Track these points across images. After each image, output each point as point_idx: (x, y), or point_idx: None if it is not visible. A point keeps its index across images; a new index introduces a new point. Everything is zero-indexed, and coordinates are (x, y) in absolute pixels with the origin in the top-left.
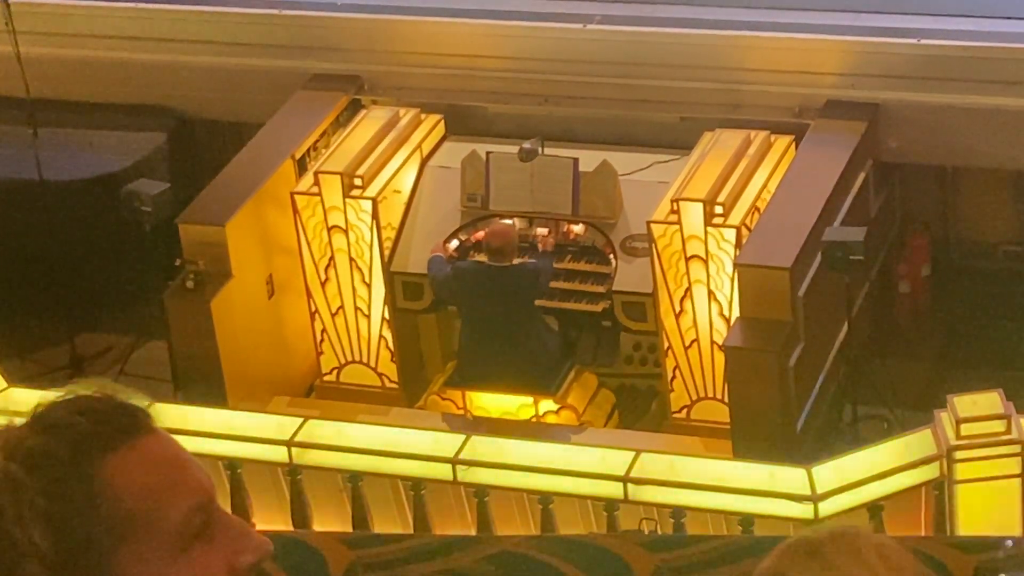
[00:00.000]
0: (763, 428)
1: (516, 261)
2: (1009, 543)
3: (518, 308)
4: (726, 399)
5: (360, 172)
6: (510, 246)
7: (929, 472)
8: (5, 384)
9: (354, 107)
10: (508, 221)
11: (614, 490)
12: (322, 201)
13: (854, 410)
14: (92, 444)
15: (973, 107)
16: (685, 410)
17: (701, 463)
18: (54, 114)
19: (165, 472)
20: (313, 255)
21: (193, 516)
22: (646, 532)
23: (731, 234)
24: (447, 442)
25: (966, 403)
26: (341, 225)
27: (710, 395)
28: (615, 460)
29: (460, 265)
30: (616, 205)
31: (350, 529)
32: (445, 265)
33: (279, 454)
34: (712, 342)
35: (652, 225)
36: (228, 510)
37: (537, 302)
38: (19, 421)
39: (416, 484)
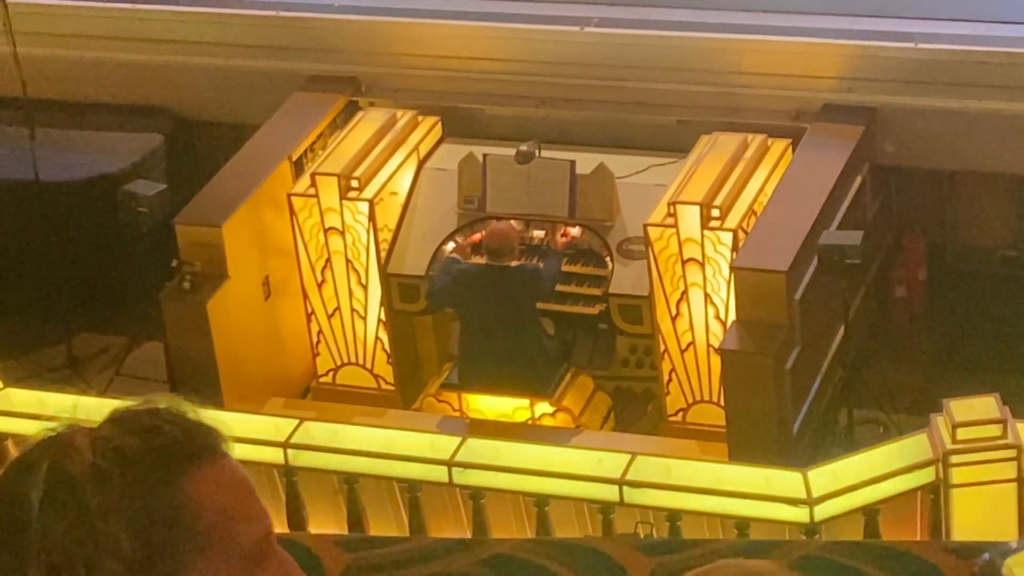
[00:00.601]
0: (759, 431)
1: (516, 263)
2: (985, 556)
3: (517, 310)
4: (722, 402)
5: (357, 174)
6: (508, 246)
7: (925, 476)
8: (2, 384)
9: (351, 109)
10: (509, 222)
11: (610, 493)
12: (319, 202)
13: (850, 414)
14: (180, 454)
15: (970, 111)
16: (681, 413)
17: (697, 466)
18: (51, 114)
19: (241, 496)
20: (310, 256)
21: (260, 543)
22: (642, 535)
23: (728, 237)
24: (443, 444)
25: (962, 407)
26: (338, 227)
27: (706, 398)
28: (611, 463)
29: (459, 267)
30: (613, 208)
31: (345, 531)
32: (450, 271)
33: (275, 455)
34: (708, 345)
35: (649, 228)
36: None
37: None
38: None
39: (412, 486)
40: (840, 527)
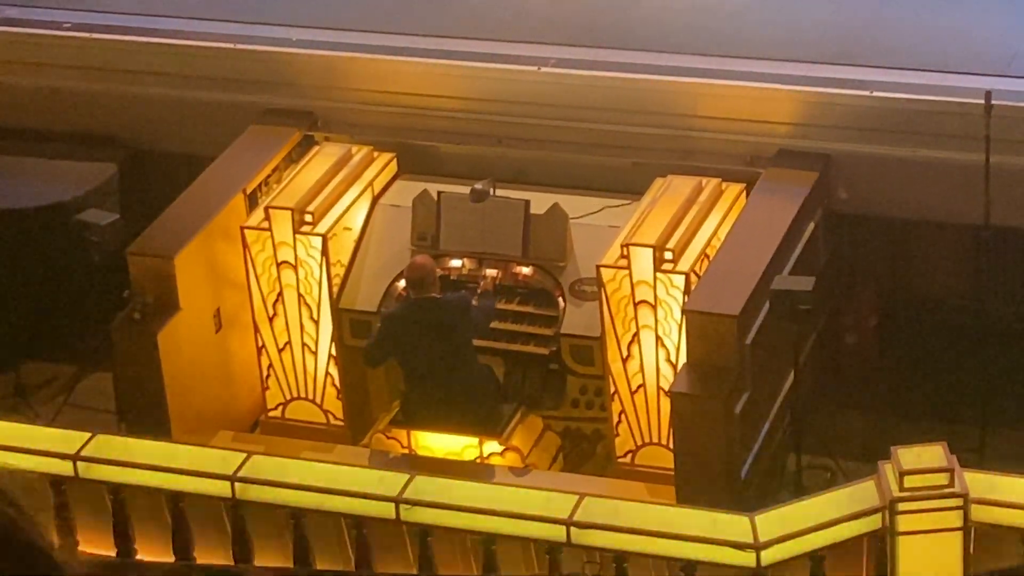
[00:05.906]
0: (707, 475)
1: (440, 294)
2: None
3: (451, 341)
4: (671, 445)
5: (311, 208)
6: (429, 277)
7: (871, 523)
8: None
9: (307, 143)
10: (425, 254)
11: (557, 533)
12: (272, 236)
13: (798, 459)
14: None
15: (924, 160)
16: (630, 455)
17: (645, 508)
18: (5, 142)
19: None
20: (262, 290)
21: None
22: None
23: (680, 280)
24: (391, 481)
25: (910, 455)
26: (290, 260)
27: (655, 440)
28: (559, 503)
29: (386, 312)
30: (566, 248)
31: (291, 565)
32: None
33: (222, 488)
34: (658, 388)
35: (602, 269)
36: (169, 544)
37: (483, 342)
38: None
39: (359, 522)
40: (786, 572)
